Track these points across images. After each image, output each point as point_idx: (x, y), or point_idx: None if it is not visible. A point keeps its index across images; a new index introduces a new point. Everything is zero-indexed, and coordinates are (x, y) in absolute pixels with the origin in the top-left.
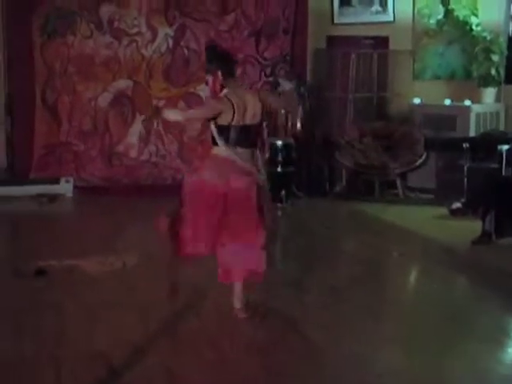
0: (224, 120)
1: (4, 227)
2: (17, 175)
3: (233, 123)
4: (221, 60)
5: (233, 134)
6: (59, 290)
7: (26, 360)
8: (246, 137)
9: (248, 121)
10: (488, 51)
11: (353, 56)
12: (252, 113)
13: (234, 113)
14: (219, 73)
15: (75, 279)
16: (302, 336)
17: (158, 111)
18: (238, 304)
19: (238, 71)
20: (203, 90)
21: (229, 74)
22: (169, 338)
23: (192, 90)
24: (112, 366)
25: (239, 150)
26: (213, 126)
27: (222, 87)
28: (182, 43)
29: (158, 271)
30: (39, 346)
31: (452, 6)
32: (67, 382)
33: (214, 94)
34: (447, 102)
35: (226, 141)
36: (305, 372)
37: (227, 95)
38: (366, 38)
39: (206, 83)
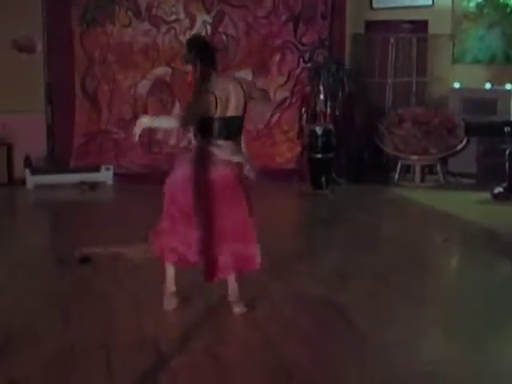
0: (206, 113)
1: (47, 215)
2: (57, 164)
3: (216, 116)
4: (200, 49)
5: (215, 127)
6: (104, 277)
7: (76, 347)
8: (229, 129)
9: (231, 113)
10: None
11: (392, 40)
12: (235, 104)
13: (216, 105)
14: (199, 62)
15: (119, 266)
16: (347, 322)
17: None
18: (232, 297)
19: (277, 57)
20: (242, 76)
21: (209, 64)
22: (214, 323)
23: (231, 76)
24: (159, 351)
25: (221, 142)
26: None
27: (203, 78)
28: (220, 29)
29: None
30: (87, 333)
31: None
32: (117, 368)
33: (191, 85)
34: (487, 85)
35: (209, 133)
36: (351, 359)
37: (208, 87)
38: (405, 22)
39: (187, 73)
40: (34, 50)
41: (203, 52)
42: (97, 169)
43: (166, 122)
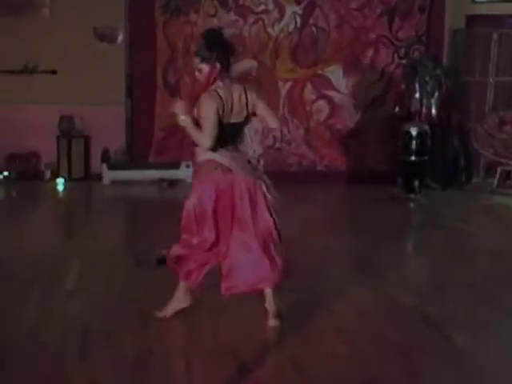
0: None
1: (124, 213)
2: (135, 159)
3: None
4: (224, 50)
5: (219, 133)
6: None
7: (154, 350)
8: (231, 135)
9: (233, 119)
10: None
11: (494, 36)
12: (237, 110)
13: (223, 110)
14: (218, 65)
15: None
16: (442, 337)
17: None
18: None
19: (370, 52)
20: (331, 72)
21: (227, 67)
22: (299, 334)
23: (320, 71)
24: (241, 362)
25: (221, 150)
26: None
27: (215, 80)
28: (310, 22)
29: None
30: (166, 337)
31: None
32: (197, 377)
33: (206, 86)
34: None
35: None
36: (447, 377)
37: (219, 90)
38: (509, 16)
39: (199, 70)
40: (115, 40)
41: (226, 53)
42: (177, 165)
43: (198, 139)
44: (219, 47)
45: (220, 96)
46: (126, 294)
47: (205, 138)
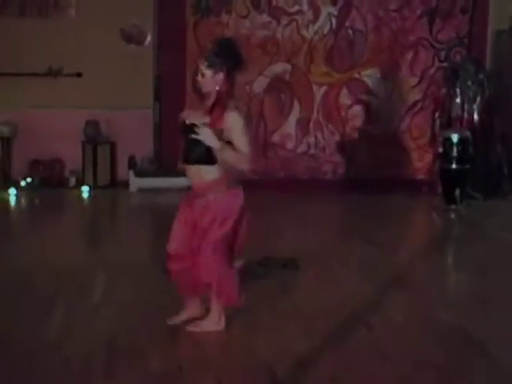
0: None
1: (151, 222)
2: (163, 166)
3: None
4: (239, 62)
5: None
6: None
7: (184, 369)
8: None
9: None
10: None
11: None
12: None
13: None
14: (221, 74)
15: None
16: (486, 355)
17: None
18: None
19: (409, 55)
20: (368, 76)
21: (233, 81)
22: (335, 350)
23: (356, 75)
24: (275, 379)
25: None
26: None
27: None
28: (346, 23)
29: (321, 277)
30: (197, 352)
31: None
32: None
33: (228, 96)
34: None
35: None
36: None
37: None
38: None
39: (202, 75)
40: (142, 41)
41: (235, 66)
42: None
43: (238, 159)
44: (236, 59)
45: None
46: (154, 303)
47: (247, 156)
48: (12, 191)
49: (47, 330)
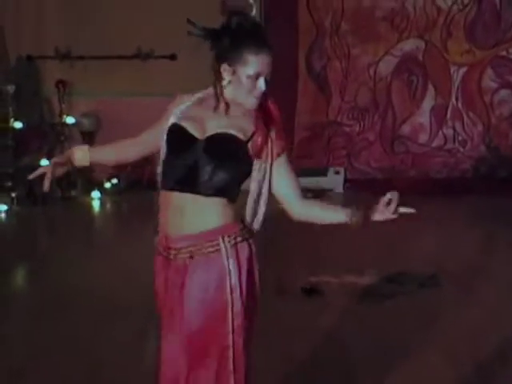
0: None
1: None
2: None
3: None
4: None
5: None
6: (332, 315)
7: None
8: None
9: None
10: None
11: None
12: None
13: None
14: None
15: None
16: None
17: None
18: None
19: None
20: None
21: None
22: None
23: (504, 52)
24: None
25: None
26: None
27: None
28: None
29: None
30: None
31: None
32: None
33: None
34: None
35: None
36: None
37: None
38: None
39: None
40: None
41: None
42: (323, 172)
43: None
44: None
45: None
46: (264, 328)
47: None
48: (95, 194)
49: (142, 357)
